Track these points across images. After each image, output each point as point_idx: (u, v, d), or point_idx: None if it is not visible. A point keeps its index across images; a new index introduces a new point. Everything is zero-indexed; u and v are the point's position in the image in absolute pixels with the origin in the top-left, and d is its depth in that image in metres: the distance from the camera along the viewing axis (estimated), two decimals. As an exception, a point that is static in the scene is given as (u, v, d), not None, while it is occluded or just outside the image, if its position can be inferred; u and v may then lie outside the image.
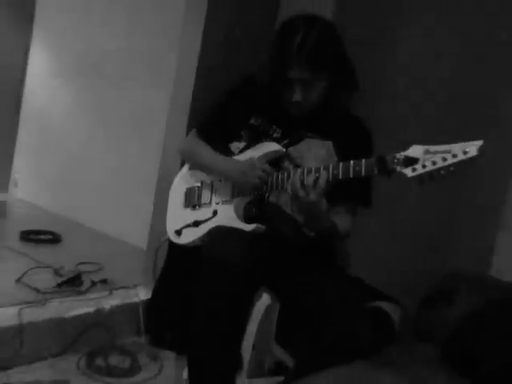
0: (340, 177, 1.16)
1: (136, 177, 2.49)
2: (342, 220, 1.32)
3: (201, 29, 1.79)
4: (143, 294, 1.86)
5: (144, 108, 2.46)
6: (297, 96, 1.29)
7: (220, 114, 1.48)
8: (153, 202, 1.94)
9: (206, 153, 1.48)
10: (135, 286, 1.92)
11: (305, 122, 1.37)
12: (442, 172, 1.04)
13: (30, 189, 2.99)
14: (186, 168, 1.59)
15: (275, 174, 1.31)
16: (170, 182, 1.61)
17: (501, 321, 1.17)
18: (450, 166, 1.03)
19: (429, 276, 1.53)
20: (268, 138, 1.42)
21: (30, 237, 2.29)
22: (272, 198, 1.39)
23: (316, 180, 1.16)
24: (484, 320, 1.21)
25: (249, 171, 1.33)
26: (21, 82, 3.01)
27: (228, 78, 1.61)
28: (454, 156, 1.03)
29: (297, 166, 1.35)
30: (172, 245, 1.52)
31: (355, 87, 1.34)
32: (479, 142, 1.02)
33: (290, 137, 1.40)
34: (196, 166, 1.52)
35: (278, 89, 1.31)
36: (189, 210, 1.50)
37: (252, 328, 1.30)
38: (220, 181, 1.46)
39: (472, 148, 1.02)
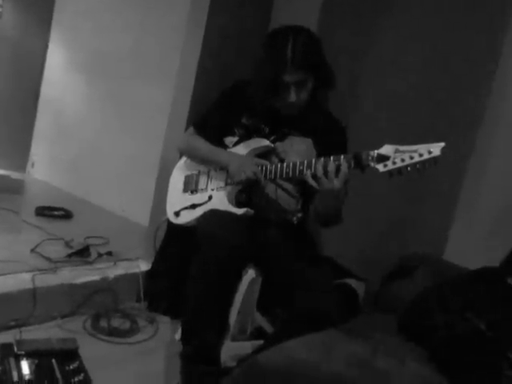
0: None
1: (141, 162, 2.45)
2: None
3: (201, 33, 1.76)
4: (143, 266, 1.85)
5: (150, 102, 2.41)
6: (292, 96, 1.28)
7: (214, 112, 1.46)
8: (155, 186, 1.92)
9: (205, 146, 1.45)
10: (137, 258, 1.90)
11: (289, 121, 1.37)
12: (409, 168, 1.06)
13: (46, 170, 2.95)
14: (184, 158, 1.57)
15: (265, 166, 1.31)
16: (171, 170, 1.59)
17: (452, 296, 1.18)
18: (416, 163, 1.05)
19: (392, 257, 1.54)
20: (258, 134, 1.42)
21: (44, 212, 2.25)
22: (260, 187, 1.39)
23: (338, 168, 1.13)
24: (437, 295, 1.22)
25: (246, 164, 1.31)
26: (40, 74, 2.96)
27: (224, 79, 1.59)
28: (420, 155, 1.04)
29: (281, 160, 1.35)
30: (171, 224, 1.51)
31: (333, 86, 1.32)
32: (442, 144, 1.04)
33: (276, 134, 1.40)
34: (197, 159, 1.49)
35: (273, 92, 1.29)
36: (187, 195, 1.49)
37: (238, 298, 1.31)
38: (216, 170, 1.45)
39: (436, 149, 1.03)
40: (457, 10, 1.61)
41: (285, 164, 1.26)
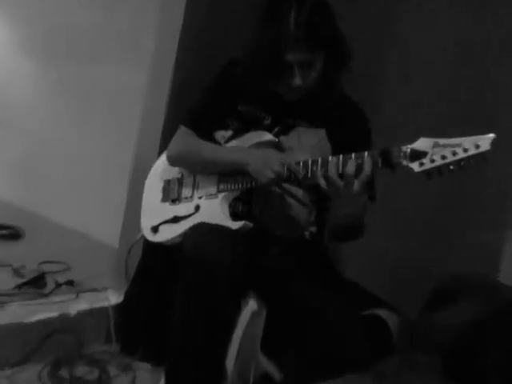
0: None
1: (107, 165, 2.47)
2: None
3: (182, 4, 1.78)
4: (114, 298, 1.86)
5: (119, 89, 2.42)
6: (297, 80, 1.29)
7: (208, 101, 1.48)
8: (126, 195, 1.94)
9: (205, 146, 1.45)
10: (105, 288, 1.92)
11: (295, 107, 1.39)
12: (452, 167, 1.06)
13: (-16, 176, 2.95)
14: (164, 157, 1.59)
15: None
16: (146, 173, 1.61)
17: (506, 333, 1.20)
18: (460, 160, 1.05)
19: (430, 278, 1.56)
20: (258, 126, 1.43)
21: (-16, 232, 2.24)
22: (262, 193, 1.40)
23: (359, 167, 1.13)
24: (488, 331, 1.23)
25: (272, 158, 1.29)
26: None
27: (212, 60, 1.61)
28: (465, 150, 1.04)
29: None
30: (147, 243, 1.52)
31: (349, 67, 1.34)
32: (492, 136, 1.03)
33: (280, 125, 1.41)
34: (198, 166, 1.48)
35: (274, 74, 1.31)
36: (167, 205, 1.51)
37: (237, 336, 1.31)
38: (205, 173, 1.46)
39: (484, 142, 1.03)
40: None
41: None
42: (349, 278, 1.46)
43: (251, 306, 1.33)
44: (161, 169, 1.58)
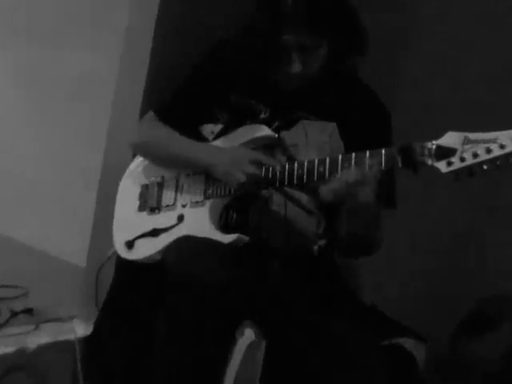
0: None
1: (71, 170, 2.44)
2: None
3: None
4: (81, 329, 1.86)
5: (84, 76, 2.40)
6: (296, 66, 1.30)
7: (188, 89, 1.49)
8: (95, 203, 1.93)
9: (174, 139, 1.46)
10: (71, 317, 1.92)
11: (299, 97, 1.39)
12: (486, 167, 1.05)
13: None
14: (139, 159, 1.60)
15: (270, 167, 1.31)
16: (120, 177, 1.60)
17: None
18: (495, 159, 1.04)
19: (464, 300, 1.57)
20: (254, 119, 1.44)
21: None
22: (259, 200, 1.40)
23: (374, 168, 1.14)
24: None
25: (240, 162, 1.32)
26: None
27: (198, 41, 1.63)
28: (502, 147, 1.03)
29: (290, 158, 1.36)
30: (121, 261, 1.51)
31: (363, 50, 1.35)
32: (534, 130, 1.04)
33: (282, 118, 1.42)
34: (159, 159, 1.51)
35: (269, 58, 1.32)
36: (145, 215, 1.51)
37: (232, 371, 1.30)
38: (188, 175, 1.46)
39: (525, 137, 1.04)
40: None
41: (296, 164, 1.27)
42: (366, 301, 1.47)
43: (248, 336, 1.32)
44: (137, 171, 1.58)
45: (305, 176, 1.24)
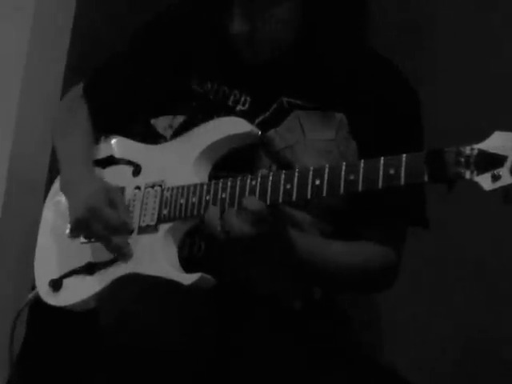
0: (360, 188, 0.98)
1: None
2: (375, 253, 1.20)
3: None
4: None
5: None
6: (236, 25, 1.23)
7: (130, 63, 1.37)
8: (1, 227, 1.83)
9: (70, 135, 1.37)
10: None
11: (281, 76, 1.25)
12: None
13: None
14: None
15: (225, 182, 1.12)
16: (37, 188, 1.58)
17: None
18: None
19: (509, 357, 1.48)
20: (227, 111, 1.24)
21: None
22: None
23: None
24: None
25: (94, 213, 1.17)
26: None
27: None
28: None
29: (285, 166, 1.16)
30: (41, 307, 1.31)
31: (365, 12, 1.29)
32: None
33: (268, 109, 1.23)
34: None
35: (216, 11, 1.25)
36: (78, 243, 1.30)
37: None
38: (138, 188, 1.25)
39: None
40: None
41: (283, 174, 1.05)
42: (385, 363, 1.35)
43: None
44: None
45: (295, 191, 1.04)
